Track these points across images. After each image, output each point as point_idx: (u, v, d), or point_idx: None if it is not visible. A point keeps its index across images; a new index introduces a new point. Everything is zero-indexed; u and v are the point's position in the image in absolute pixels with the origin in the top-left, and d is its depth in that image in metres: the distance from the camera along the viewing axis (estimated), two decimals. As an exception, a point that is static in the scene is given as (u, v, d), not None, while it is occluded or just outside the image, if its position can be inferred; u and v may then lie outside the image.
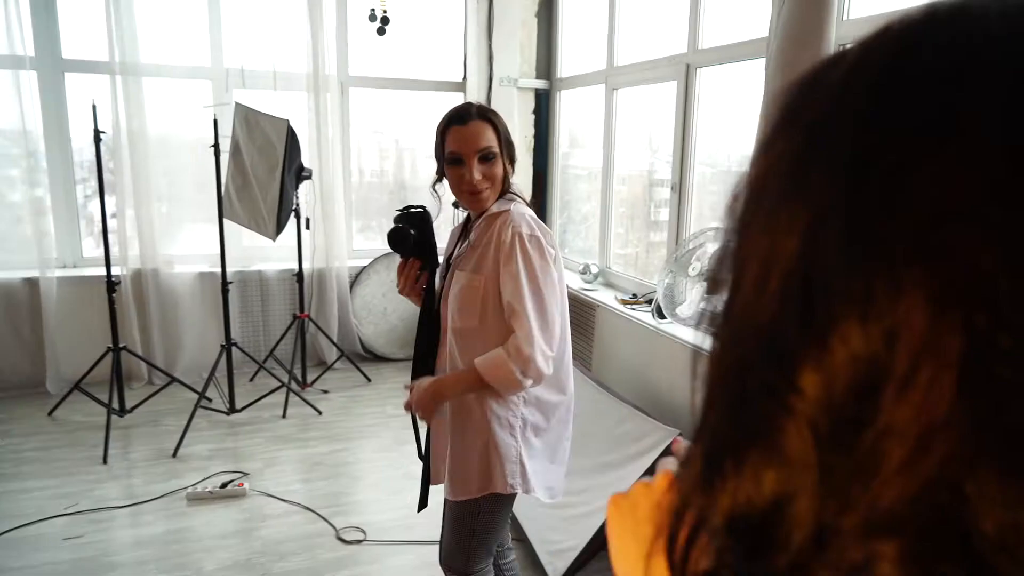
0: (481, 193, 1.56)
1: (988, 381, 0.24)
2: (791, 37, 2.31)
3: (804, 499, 0.28)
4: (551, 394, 1.67)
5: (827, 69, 0.31)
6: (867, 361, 0.26)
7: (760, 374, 0.30)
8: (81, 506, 2.86)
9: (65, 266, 4.18)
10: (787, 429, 0.28)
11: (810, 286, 0.28)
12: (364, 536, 2.73)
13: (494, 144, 1.56)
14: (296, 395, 3.89)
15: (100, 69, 3.98)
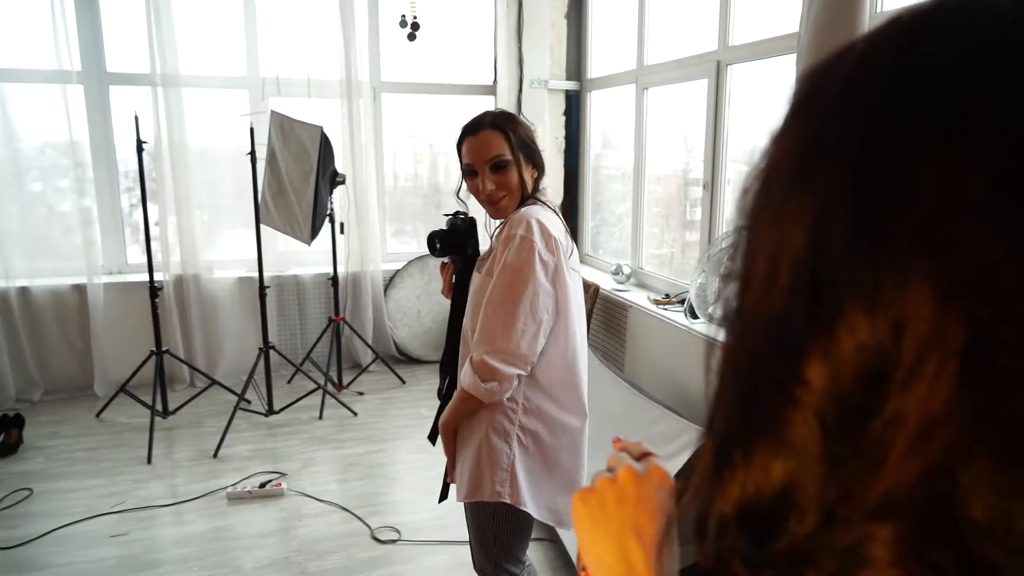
0: (498, 202, 1.59)
1: (989, 372, 0.24)
2: (822, 31, 2.27)
3: (810, 487, 0.29)
4: (563, 412, 1.62)
5: (836, 60, 0.31)
6: (874, 352, 0.26)
7: (769, 368, 0.30)
8: (127, 504, 2.95)
9: (111, 272, 4.32)
10: (794, 420, 0.29)
11: (817, 278, 0.28)
12: (399, 536, 2.76)
13: (506, 152, 1.56)
14: (332, 397, 3.96)
15: (142, 81, 4.11)
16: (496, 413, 1.57)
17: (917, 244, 0.25)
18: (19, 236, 4.04)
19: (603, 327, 4.02)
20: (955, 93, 0.26)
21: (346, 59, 4.34)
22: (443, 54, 4.71)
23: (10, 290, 3.96)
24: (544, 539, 2.75)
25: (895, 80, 0.27)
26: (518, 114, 4.69)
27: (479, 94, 4.80)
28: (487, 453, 1.58)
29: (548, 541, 2.73)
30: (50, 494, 3.04)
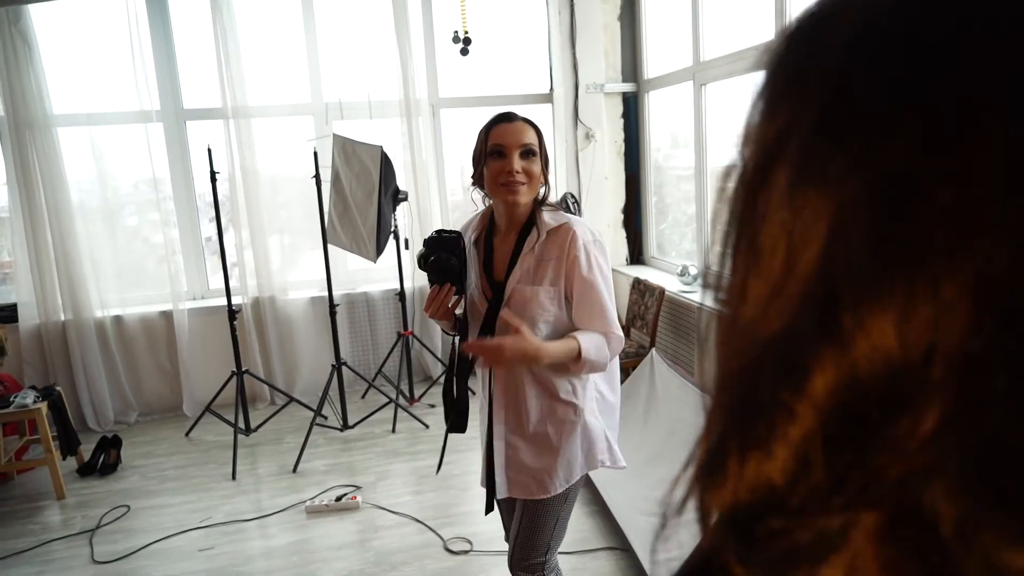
0: (519, 187, 1.61)
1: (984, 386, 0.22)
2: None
3: (802, 490, 0.27)
4: (610, 372, 1.81)
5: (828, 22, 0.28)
6: (898, 369, 0.24)
7: (769, 383, 0.28)
8: (214, 519, 3.09)
9: (195, 298, 4.56)
10: (792, 435, 0.27)
11: (832, 289, 0.25)
12: (471, 547, 2.78)
13: (535, 144, 1.64)
14: (404, 410, 4.03)
15: (215, 115, 4.33)
16: (580, 387, 1.71)
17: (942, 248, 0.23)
18: (112, 269, 4.33)
19: (671, 330, 3.94)
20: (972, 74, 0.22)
21: (403, 78, 4.44)
22: (499, 66, 4.75)
23: (106, 320, 4.23)
24: (617, 548, 2.70)
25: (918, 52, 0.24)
26: (576, 119, 4.69)
27: (536, 103, 4.82)
28: (586, 434, 1.72)
29: (620, 551, 2.69)
30: (145, 510, 3.22)
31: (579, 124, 4.72)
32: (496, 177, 1.62)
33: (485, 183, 1.66)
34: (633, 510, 2.77)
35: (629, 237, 4.93)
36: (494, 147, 1.62)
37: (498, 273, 1.71)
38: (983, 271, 0.22)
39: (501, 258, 1.71)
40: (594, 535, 2.82)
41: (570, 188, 4.73)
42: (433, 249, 1.66)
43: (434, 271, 1.64)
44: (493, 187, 1.64)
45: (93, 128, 4.19)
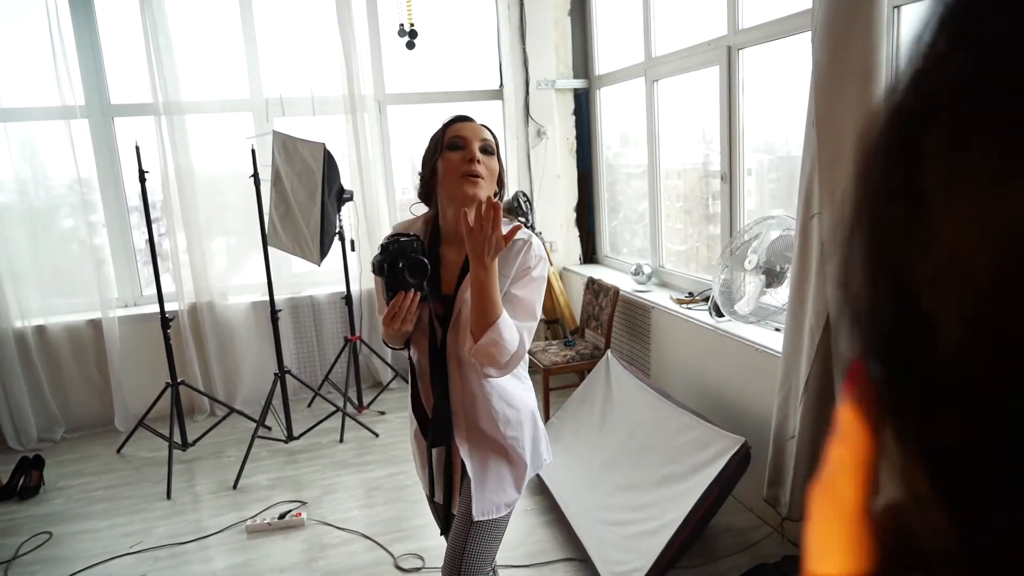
0: (479, 179, 1.51)
1: None
2: (837, 6, 2.12)
3: None
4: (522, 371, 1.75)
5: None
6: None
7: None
8: (145, 544, 2.88)
9: (126, 305, 4.30)
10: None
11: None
12: (423, 563, 2.65)
13: (493, 144, 1.59)
14: (352, 419, 3.87)
15: (146, 111, 4.08)
16: (528, 395, 1.68)
17: None
18: (32, 275, 4.03)
19: (626, 331, 3.88)
20: None
21: (348, 73, 4.27)
22: (447, 61, 4.62)
23: (27, 330, 3.95)
24: (575, 559, 2.61)
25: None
26: (527, 116, 4.59)
27: (486, 99, 4.70)
28: (534, 435, 1.68)
29: (579, 561, 2.60)
30: (70, 536, 2.99)
31: (530, 121, 4.63)
32: (456, 168, 1.51)
33: (440, 180, 1.55)
34: (591, 519, 2.68)
35: (582, 236, 4.86)
36: (453, 139, 1.54)
37: (447, 285, 1.59)
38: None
39: (450, 269, 1.59)
40: (551, 546, 2.72)
41: (521, 186, 4.63)
42: (397, 254, 1.50)
43: (406, 276, 1.48)
44: (452, 181, 1.52)
45: (10, 124, 3.90)
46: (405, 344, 1.62)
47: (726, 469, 2.32)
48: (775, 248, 2.82)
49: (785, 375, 2.43)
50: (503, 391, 1.62)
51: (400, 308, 1.47)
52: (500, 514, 1.65)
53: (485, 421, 1.61)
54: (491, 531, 1.65)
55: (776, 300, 2.84)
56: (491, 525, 1.65)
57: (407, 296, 1.48)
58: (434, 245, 1.61)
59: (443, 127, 1.60)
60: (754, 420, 2.75)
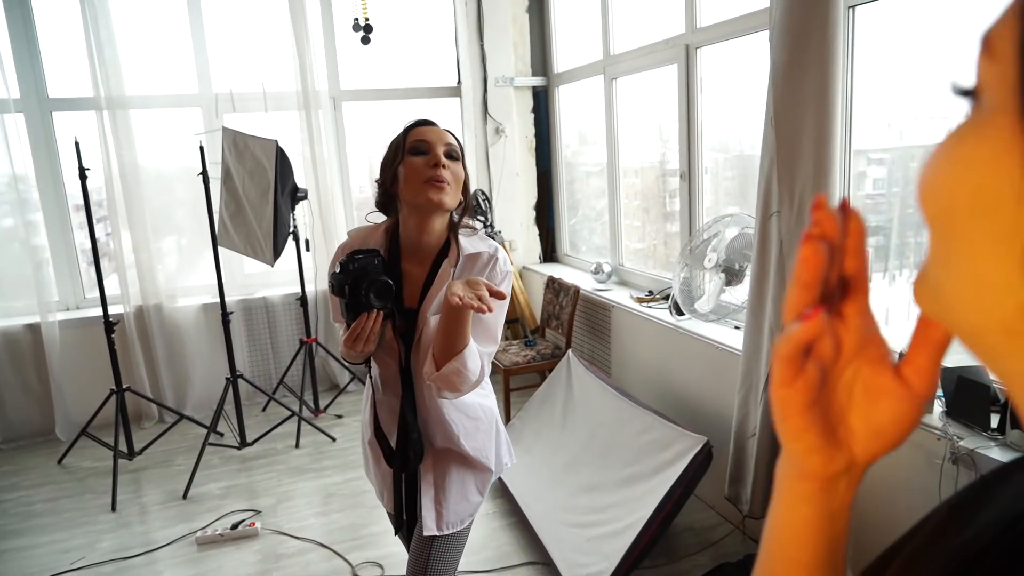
0: (445, 185, 1.43)
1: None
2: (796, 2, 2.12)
3: None
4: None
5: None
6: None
7: None
8: (89, 559, 2.75)
9: (68, 309, 4.11)
10: None
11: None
12: (382, 571, 2.59)
13: (458, 149, 1.50)
14: (308, 423, 3.76)
15: (87, 106, 3.91)
16: (490, 402, 1.64)
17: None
18: (-35, 277, 3.82)
19: (586, 330, 3.87)
20: None
21: (301, 69, 4.15)
22: (404, 58, 4.53)
23: (-41, 335, 3.74)
24: (537, 562, 2.58)
25: None
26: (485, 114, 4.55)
27: (444, 96, 4.63)
28: (498, 440, 1.65)
29: (542, 564, 2.57)
30: (6, 554, 2.82)
31: (489, 119, 4.58)
32: (419, 173, 1.43)
33: (402, 186, 1.46)
34: (553, 521, 2.65)
35: (541, 234, 4.83)
36: (416, 144, 1.45)
37: (409, 299, 1.51)
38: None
39: (412, 282, 1.51)
40: (514, 550, 2.68)
41: (480, 185, 4.58)
42: (358, 275, 1.40)
43: (371, 299, 1.39)
44: (414, 187, 1.43)
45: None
46: (366, 361, 1.53)
47: (688, 469, 2.31)
48: (734, 246, 2.83)
49: (745, 373, 2.44)
50: (462, 403, 1.56)
51: (363, 330, 1.38)
52: (464, 526, 1.60)
53: (445, 436, 1.55)
54: (454, 543, 1.61)
55: (736, 298, 2.85)
56: (454, 537, 1.60)
57: (370, 317, 1.39)
58: (394, 258, 1.52)
59: (404, 131, 1.50)
60: (715, 418, 2.76)
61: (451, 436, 1.55)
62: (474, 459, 1.58)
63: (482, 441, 1.60)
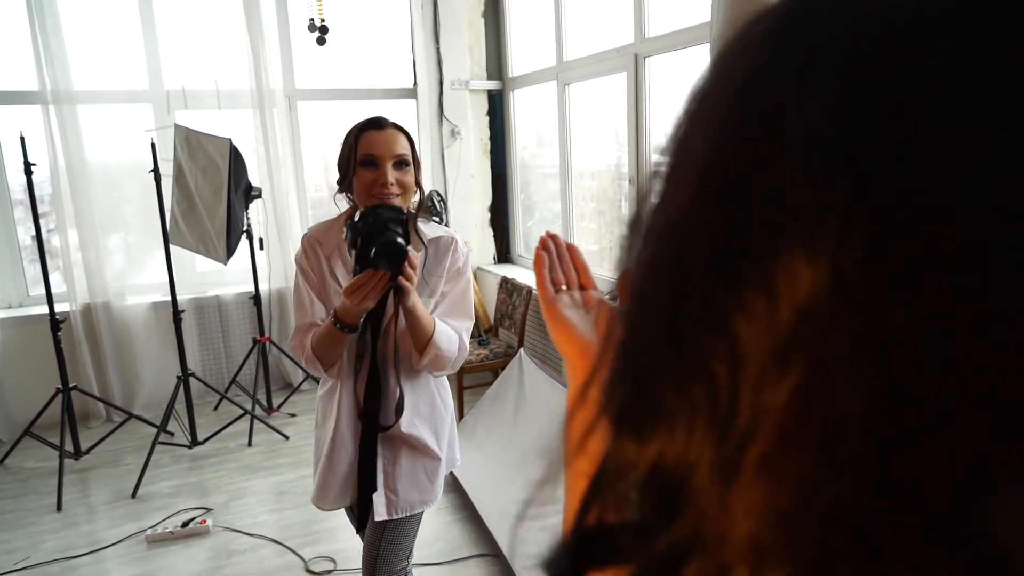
0: (394, 198, 1.51)
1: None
2: (733, 19, 2.25)
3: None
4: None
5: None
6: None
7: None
8: (34, 559, 2.71)
9: (10, 306, 4.01)
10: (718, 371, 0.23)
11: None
12: (334, 566, 2.62)
13: (408, 154, 1.56)
14: (261, 422, 3.76)
15: (31, 99, 3.83)
16: (446, 394, 1.71)
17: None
18: (-99, 273, 3.70)
19: (539, 330, 3.95)
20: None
21: (255, 66, 4.14)
22: (361, 58, 4.56)
23: None
24: (487, 555, 2.65)
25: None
26: (441, 116, 4.60)
27: (400, 97, 4.67)
28: (454, 433, 1.73)
29: (491, 556, 2.64)
30: (-55, 555, 2.77)
31: (444, 121, 4.63)
32: (368, 188, 1.50)
33: (355, 192, 1.54)
34: (503, 515, 2.73)
35: (496, 235, 4.91)
36: (365, 156, 1.50)
37: None
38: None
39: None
40: (464, 543, 2.75)
41: (436, 186, 4.63)
42: (373, 229, 1.40)
43: (378, 259, 1.38)
44: (364, 199, 1.52)
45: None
46: (354, 328, 1.52)
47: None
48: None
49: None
50: (421, 389, 1.64)
51: (365, 286, 1.40)
52: (415, 511, 1.66)
53: (403, 415, 1.61)
54: (404, 529, 1.67)
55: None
56: (405, 523, 1.67)
57: (374, 276, 1.40)
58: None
59: (356, 132, 1.54)
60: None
61: (405, 420, 1.61)
62: (423, 444, 1.64)
63: (435, 428, 1.67)
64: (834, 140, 0.20)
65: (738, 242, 0.22)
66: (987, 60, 0.18)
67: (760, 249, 0.21)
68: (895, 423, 0.19)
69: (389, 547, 1.65)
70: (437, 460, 1.68)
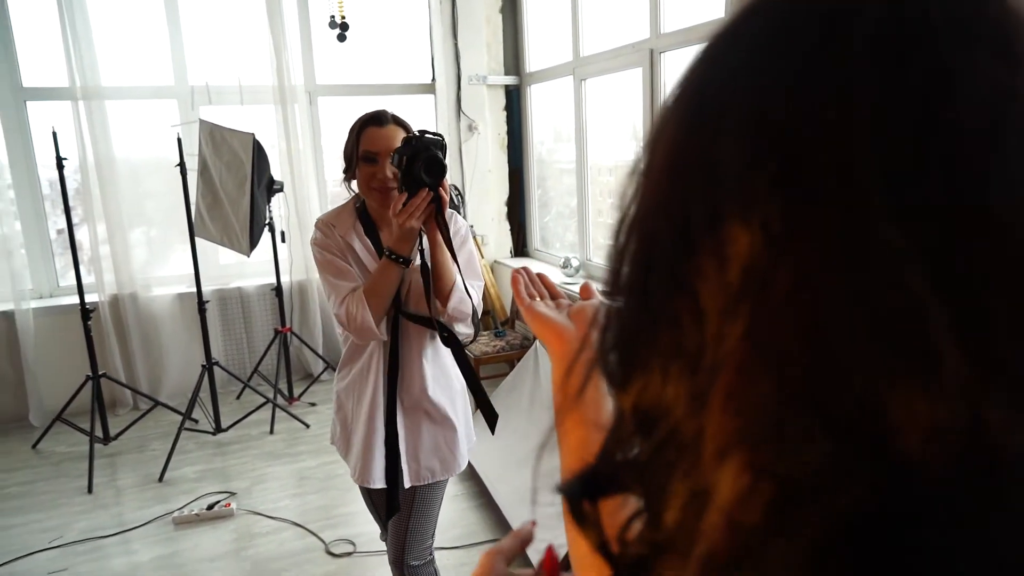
0: (393, 191, 1.60)
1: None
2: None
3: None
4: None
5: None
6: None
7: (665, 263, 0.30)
8: (66, 538, 2.82)
9: (41, 296, 4.14)
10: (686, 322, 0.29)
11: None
12: (354, 548, 2.70)
13: None
14: (283, 410, 3.85)
15: (62, 95, 3.94)
16: (454, 367, 1.78)
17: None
18: (-62, 264, 3.84)
19: (555, 321, 4.00)
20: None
21: (277, 63, 4.22)
22: (380, 54, 4.63)
23: (-69, 321, 3.76)
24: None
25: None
26: (459, 111, 4.66)
27: (418, 93, 4.74)
28: (466, 405, 1.83)
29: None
30: (-17, 533, 2.88)
31: (462, 116, 4.69)
32: (369, 182, 1.63)
33: (357, 183, 1.67)
34: (519, 501, 2.79)
35: (513, 229, 4.96)
36: (365, 152, 1.63)
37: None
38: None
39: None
40: (480, 528, 2.82)
41: (453, 180, 4.69)
42: (418, 150, 1.51)
43: (421, 173, 1.49)
44: (366, 190, 1.66)
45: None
46: (406, 260, 1.59)
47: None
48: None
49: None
50: (440, 361, 1.75)
51: (410, 204, 1.50)
52: (436, 479, 1.75)
53: (420, 387, 1.70)
54: (429, 499, 1.77)
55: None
56: (426, 494, 1.75)
57: (419, 194, 1.50)
58: (371, 230, 1.70)
59: (359, 127, 1.65)
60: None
61: (424, 387, 1.70)
62: (442, 415, 1.73)
63: (451, 399, 1.76)
64: (760, 129, 0.26)
65: (692, 218, 0.28)
66: (840, 37, 0.25)
67: (707, 222, 0.27)
68: (815, 347, 0.24)
69: (417, 519, 1.75)
70: (454, 431, 1.77)
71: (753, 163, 0.26)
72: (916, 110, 0.23)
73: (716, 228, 0.27)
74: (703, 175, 0.28)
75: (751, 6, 0.30)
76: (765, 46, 0.28)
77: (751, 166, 0.26)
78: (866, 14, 0.25)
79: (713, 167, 0.27)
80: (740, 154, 0.26)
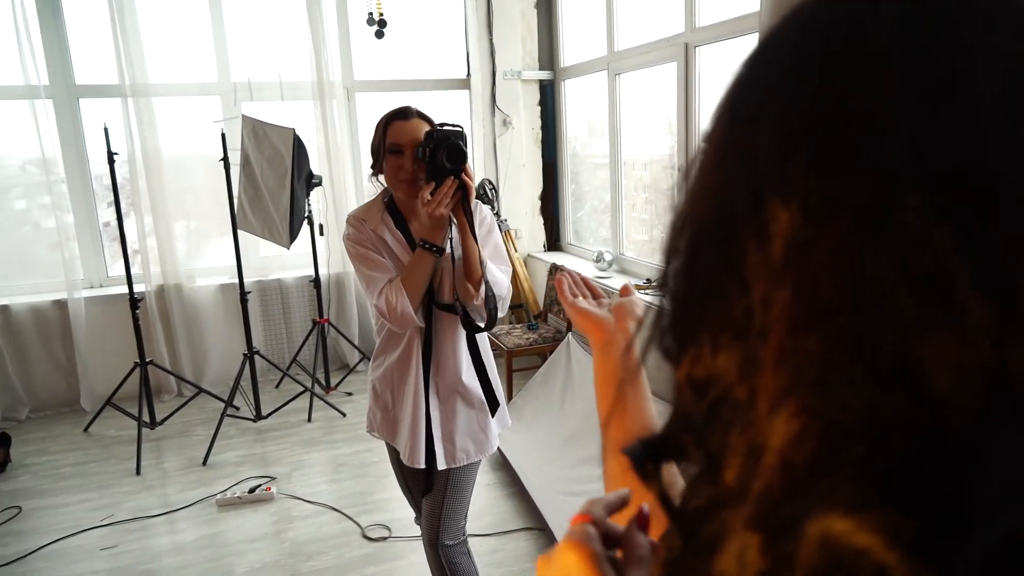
0: (417, 182, 1.66)
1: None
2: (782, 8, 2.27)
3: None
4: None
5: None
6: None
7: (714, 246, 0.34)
8: (117, 517, 2.95)
9: (92, 286, 4.30)
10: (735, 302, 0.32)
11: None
12: (389, 533, 2.77)
13: None
14: (320, 399, 3.96)
15: (112, 93, 4.09)
16: (486, 348, 1.85)
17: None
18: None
19: (587, 315, 4.03)
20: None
21: (316, 60, 4.32)
22: (416, 50, 4.69)
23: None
24: (534, 528, 2.76)
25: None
26: (493, 106, 4.70)
27: (453, 88, 4.79)
28: (497, 389, 1.86)
29: (538, 530, 2.75)
30: (39, 511, 3.03)
31: (496, 111, 4.73)
32: (396, 174, 1.70)
33: (385, 177, 1.74)
34: (551, 491, 2.83)
35: (546, 223, 4.99)
36: (392, 145, 1.69)
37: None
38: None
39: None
40: (512, 517, 2.87)
41: (488, 174, 4.74)
42: (439, 142, 1.61)
43: (444, 161, 1.59)
44: (392, 183, 1.73)
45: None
46: (440, 249, 1.66)
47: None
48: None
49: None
50: (473, 345, 1.81)
51: (438, 192, 1.59)
52: (470, 460, 1.81)
53: (454, 369, 1.77)
54: (461, 481, 1.83)
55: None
56: (461, 475, 1.82)
57: (445, 182, 1.60)
58: (401, 223, 1.76)
59: (385, 122, 1.72)
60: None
61: (457, 370, 1.77)
62: (476, 397, 1.80)
63: (483, 381, 1.82)
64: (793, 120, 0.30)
65: (736, 203, 0.32)
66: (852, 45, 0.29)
67: (750, 205, 0.31)
68: (854, 304, 0.28)
69: (452, 500, 1.81)
70: (486, 413, 1.83)
71: (789, 149, 0.29)
72: (937, 87, 0.27)
73: (759, 210, 0.30)
74: (745, 164, 0.31)
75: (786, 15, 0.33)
76: (796, 41, 0.31)
77: (788, 152, 0.29)
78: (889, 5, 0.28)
79: (754, 157, 0.31)
80: (777, 142, 0.30)
